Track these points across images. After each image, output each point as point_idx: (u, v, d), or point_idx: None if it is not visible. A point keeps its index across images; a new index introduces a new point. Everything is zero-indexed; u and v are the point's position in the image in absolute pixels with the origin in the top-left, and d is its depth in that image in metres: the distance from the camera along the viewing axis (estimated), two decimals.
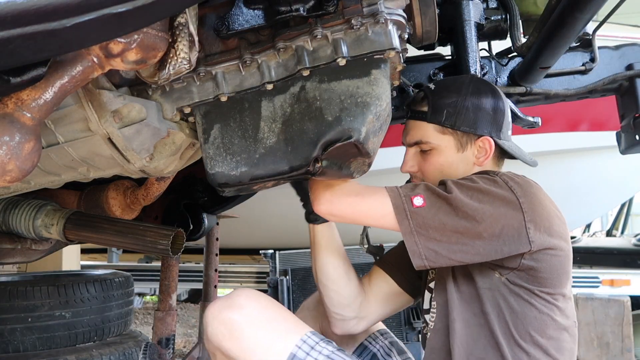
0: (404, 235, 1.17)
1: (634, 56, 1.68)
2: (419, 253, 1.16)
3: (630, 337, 3.40)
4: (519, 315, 1.19)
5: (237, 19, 1.05)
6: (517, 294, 1.19)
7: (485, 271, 1.21)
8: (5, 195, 1.40)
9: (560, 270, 1.20)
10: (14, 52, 0.63)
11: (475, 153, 1.34)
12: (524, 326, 1.19)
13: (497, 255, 1.15)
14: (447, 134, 1.33)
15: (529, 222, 1.15)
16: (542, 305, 1.20)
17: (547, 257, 1.17)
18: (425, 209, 1.16)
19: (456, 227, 1.14)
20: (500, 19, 1.65)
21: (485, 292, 1.21)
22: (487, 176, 1.23)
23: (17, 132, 0.77)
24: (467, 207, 1.14)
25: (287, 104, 1.07)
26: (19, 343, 2.41)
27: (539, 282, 1.19)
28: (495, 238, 1.14)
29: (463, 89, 1.34)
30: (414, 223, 1.16)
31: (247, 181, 1.08)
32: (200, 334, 3.00)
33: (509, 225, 1.14)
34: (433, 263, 1.17)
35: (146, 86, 1.08)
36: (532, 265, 1.17)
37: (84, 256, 6.02)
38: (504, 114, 1.35)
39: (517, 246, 1.15)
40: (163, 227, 1.49)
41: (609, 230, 6.64)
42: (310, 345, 1.18)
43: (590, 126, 3.91)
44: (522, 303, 1.19)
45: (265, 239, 4.91)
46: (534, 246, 1.15)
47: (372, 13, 1.02)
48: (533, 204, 1.17)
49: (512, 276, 1.19)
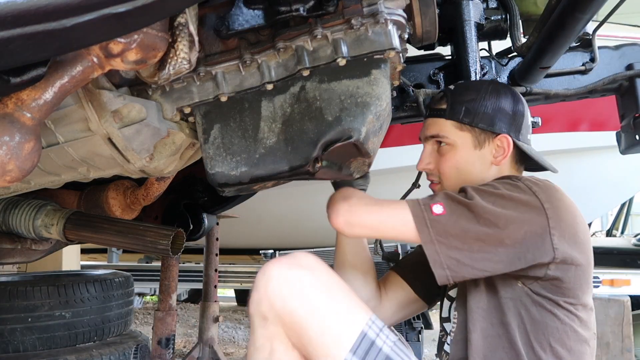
0: (424, 245, 1.14)
1: (634, 56, 1.68)
2: (440, 262, 1.13)
3: (630, 337, 3.39)
4: (540, 326, 1.16)
5: (237, 19, 1.05)
6: (540, 304, 1.16)
7: (508, 280, 1.18)
8: (5, 195, 1.40)
9: (583, 280, 1.18)
10: (14, 52, 0.63)
11: (493, 152, 1.32)
12: (545, 337, 1.16)
13: (520, 264, 1.12)
14: (464, 130, 1.32)
15: (554, 229, 1.12)
16: (564, 316, 1.17)
17: (572, 267, 1.15)
18: (445, 216, 1.13)
19: (478, 234, 1.11)
20: (500, 19, 1.65)
21: (507, 301, 1.18)
22: (509, 181, 1.20)
23: (17, 132, 0.77)
24: (489, 213, 1.11)
25: (287, 104, 1.07)
26: (19, 343, 2.41)
27: (563, 293, 1.16)
28: (519, 245, 1.11)
29: (482, 89, 1.33)
30: (434, 231, 1.12)
31: (247, 181, 1.08)
32: (200, 334, 3.00)
33: (532, 231, 1.11)
34: (455, 273, 1.13)
35: (146, 86, 1.08)
36: (557, 275, 1.14)
37: (84, 256, 6.02)
38: (523, 116, 1.34)
39: (540, 253, 1.11)
40: (163, 227, 1.49)
41: (609, 230, 6.63)
42: (378, 328, 1.12)
43: (590, 126, 3.91)
44: (544, 313, 1.16)
45: (265, 239, 4.91)
46: (558, 254, 1.12)
47: (372, 13, 1.02)
48: (558, 209, 1.14)
49: (535, 286, 1.16)
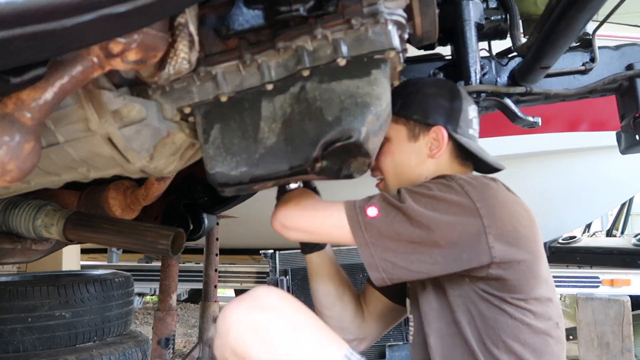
0: (359, 247, 1.12)
1: (634, 56, 1.68)
2: (375, 265, 1.11)
3: (630, 337, 3.40)
4: (491, 322, 1.14)
5: (237, 19, 1.05)
6: (487, 300, 1.14)
7: (455, 278, 1.16)
8: (5, 195, 1.40)
9: (530, 275, 1.15)
10: (14, 52, 0.62)
11: (429, 145, 1.30)
12: (495, 332, 1.14)
13: (457, 265, 1.10)
14: (400, 123, 1.31)
15: (489, 227, 1.09)
16: (514, 311, 1.14)
17: (514, 264, 1.12)
18: (379, 219, 1.11)
19: (412, 236, 1.09)
20: (500, 19, 1.65)
21: (457, 299, 1.17)
22: (442, 181, 1.18)
23: (17, 132, 0.77)
24: (421, 216, 1.09)
25: (287, 104, 1.07)
26: (19, 343, 2.41)
27: (509, 290, 1.14)
28: (454, 246, 1.09)
29: (420, 83, 1.34)
30: (368, 235, 1.11)
31: (247, 181, 1.08)
32: (200, 334, 3.00)
33: (466, 232, 1.09)
34: (391, 275, 1.11)
35: (146, 86, 1.08)
36: (500, 274, 1.12)
37: (84, 256, 6.02)
38: (461, 110, 1.31)
39: (476, 253, 1.09)
40: (163, 227, 1.49)
41: (609, 230, 6.63)
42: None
43: (590, 126, 3.91)
44: (493, 309, 1.14)
45: (265, 239, 4.91)
46: (495, 253, 1.09)
47: (372, 13, 1.02)
48: (492, 207, 1.11)
49: (481, 284, 1.14)
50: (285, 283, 3.55)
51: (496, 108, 1.67)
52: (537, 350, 1.15)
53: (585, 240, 5.85)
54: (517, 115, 1.56)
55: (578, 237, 6.01)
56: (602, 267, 4.99)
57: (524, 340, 1.14)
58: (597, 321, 3.48)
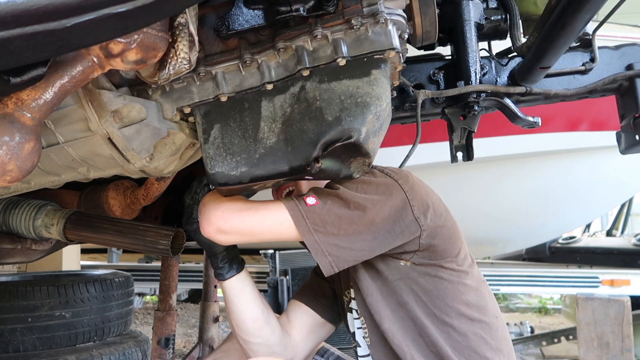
0: (304, 236, 1.15)
1: (634, 56, 1.68)
2: (321, 251, 1.15)
3: (630, 337, 3.40)
4: (434, 292, 1.24)
5: (237, 19, 1.05)
6: (426, 273, 1.24)
7: (391, 263, 1.25)
8: (5, 195, 1.40)
9: (454, 238, 1.27)
10: (14, 52, 0.63)
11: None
12: (441, 300, 1.24)
13: (392, 238, 1.18)
14: None
15: (412, 200, 1.20)
16: (449, 275, 1.25)
17: (439, 229, 1.23)
18: (319, 206, 1.16)
19: (351, 217, 1.15)
20: (500, 19, 1.65)
21: (398, 283, 1.25)
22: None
23: (17, 132, 0.77)
24: (355, 197, 1.17)
25: (287, 104, 1.07)
26: (19, 343, 2.41)
27: (441, 255, 1.24)
28: (387, 220, 1.17)
29: None
30: (310, 222, 1.15)
31: (247, 181, 1.08)
32: (200, 334, 3.00)
33: (395, 205, 1.18)
34: (337, 259, 1.16)
35: (146, 86, 1.08)
36: (430, 242, 1.22)
37: (84, 256, 6.02)
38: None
39: (407, 225, 1.19)
40: (163, 227, 1.49)
41: (609, 230, 6.62)
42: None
43: (590, 126, 3.91)
44: (433, 280, 1.24)
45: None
46: (422, 222, 1.20)
47: (372, 13, 1.02)
48: (412, 184, 1.23)
49: (416, 258, 1.24)
50: (285, 283, 3.54)
51: (496, 108, 1.67)
52: (479, 306, 1.27)
53: (585, 240, 5.85)
54: (517, 115, 1.56)
55: (578, 237, 6.01)
56: (602, 267, 4.99)
57: (467, 301, 1.26)
58: (597, 321, 3.48)
